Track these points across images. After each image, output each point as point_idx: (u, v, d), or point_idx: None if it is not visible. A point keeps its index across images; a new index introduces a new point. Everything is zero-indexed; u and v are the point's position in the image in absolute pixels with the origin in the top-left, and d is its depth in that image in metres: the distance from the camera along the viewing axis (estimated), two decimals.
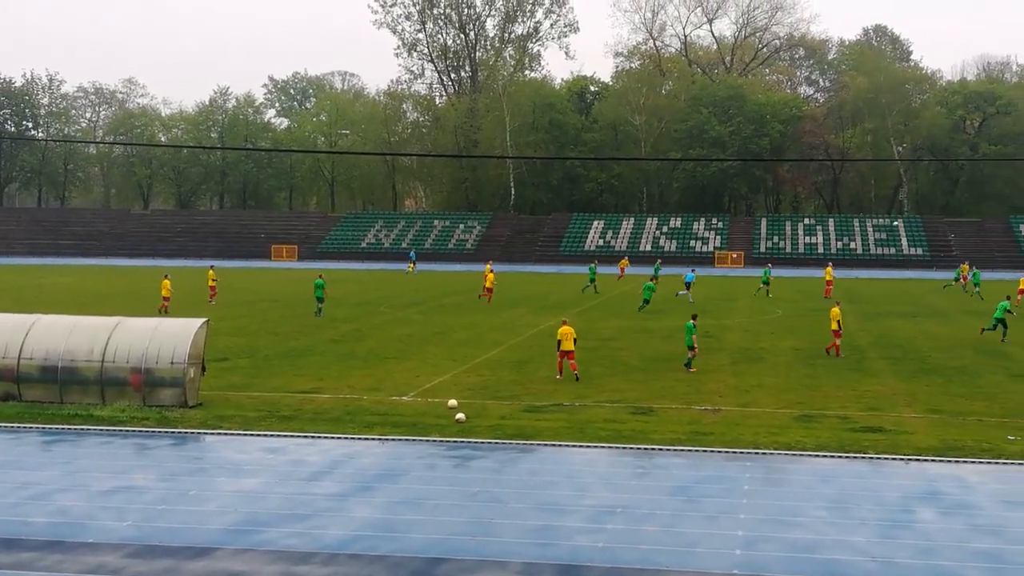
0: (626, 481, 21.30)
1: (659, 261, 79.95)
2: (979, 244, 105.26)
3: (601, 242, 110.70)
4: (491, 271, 62.58)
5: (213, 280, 58.20)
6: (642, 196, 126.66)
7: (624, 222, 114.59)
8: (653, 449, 23.75)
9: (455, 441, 24.45)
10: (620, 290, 68.72)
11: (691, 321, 35.50)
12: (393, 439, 24.68)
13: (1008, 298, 45.74)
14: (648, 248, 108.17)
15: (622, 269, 79.60)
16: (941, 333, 45.65)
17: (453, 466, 22.40)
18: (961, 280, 71.50)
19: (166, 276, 55.33)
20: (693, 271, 66.77)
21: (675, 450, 23.69)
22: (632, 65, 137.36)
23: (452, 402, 28.15)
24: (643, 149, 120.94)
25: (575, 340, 32.96)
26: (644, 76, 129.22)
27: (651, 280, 58.48)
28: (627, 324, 48.71)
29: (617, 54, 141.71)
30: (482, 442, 24.36)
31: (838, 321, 38.60)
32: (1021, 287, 59.90)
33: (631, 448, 23.86)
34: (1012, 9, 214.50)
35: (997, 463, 22.73)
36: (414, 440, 24.60)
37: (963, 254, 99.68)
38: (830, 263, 78.87)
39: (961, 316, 52.87)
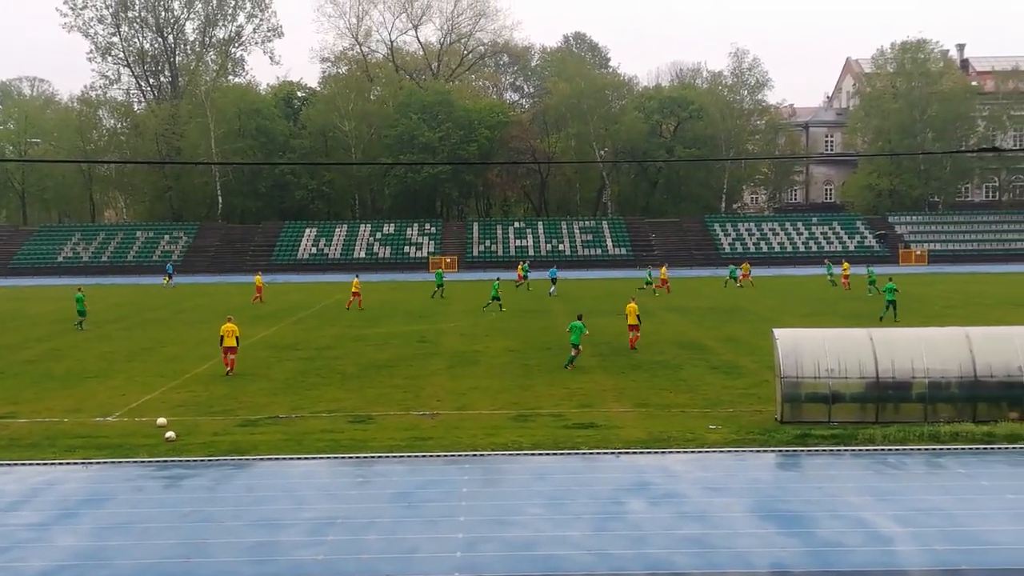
0: (346, 491, 21.03)
1: (526, 263, 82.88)
2: (678, 243, 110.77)
3: (314, 250, 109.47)
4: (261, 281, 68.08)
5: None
6: (354, 202, 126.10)
7: (337, 229, 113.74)
8: (372, 457, 23.57)
9: (165, 460, 23.45)
10: (335, 299, 68.04)
11: (578, 320, 36.54)
12: (98, 462, 23.43)
13: (891, 279, 52.78)
14: (362, 255, 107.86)
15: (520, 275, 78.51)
16: (645, 329, 47.45)
17: (163, 487, 21.47)
18: (739, 278, 74.09)
19: None
20: (556, 268, 77.61)
21: (395, 457, 23.59)
22: (339, 71, 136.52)
23: (161, 420, 27.01)
24: (353, 155, 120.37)
25: (237, 339, 35.69)
26: (352, 82, 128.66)
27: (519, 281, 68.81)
28: (342, 332, 48.29)
29: (324, 59, 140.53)
30: (194, 460, 23.48)
31: (636, 315, 41.24)
32: (845, 273, 68.77)
33: (350, 457, 23.60)
34: (702, 20, 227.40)
35: (700, 451, 23.84)
36: (121, 462, 23.43)
37: (664, 253, 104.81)
38: (665, 264, 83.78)
39: (663, 313, 55.35)
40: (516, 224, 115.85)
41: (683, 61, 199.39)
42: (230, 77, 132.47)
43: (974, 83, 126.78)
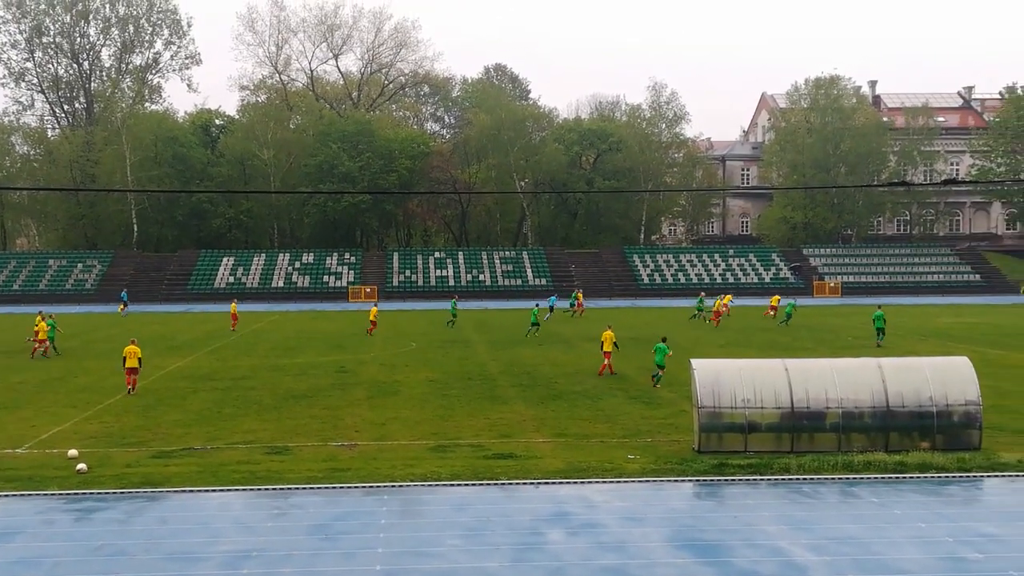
0: (262, 523, 20.71)
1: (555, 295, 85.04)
2: (598, 274, 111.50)
3: (232, 279, 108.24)
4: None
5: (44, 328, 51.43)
6: (273, 231, 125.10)
7: (255, 258, 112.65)
8: (289, 489, 23.26)
9: (76, 493, 22.93)
10: (252, 327, 67.30)
11: (662, 343, 38.58)
12: (6, 495, 22.82)
13: (880, 307, 54.98)
14: (281, 284, 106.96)
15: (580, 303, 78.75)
16: (565, 360, 47.75)
17: (74, 520, 20.98)
18: (721, 310, 73.51)
19: None
20: (555, 296, 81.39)
21: (312, 488, 23.32)
22: (259, 99, 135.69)
23: (72, 452, 26.41)
24: (272, 183, 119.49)
25: (140, 360, 37.69)
26: (271, 110, 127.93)
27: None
28: (259, 363, 47.74)
29: (243, 87, 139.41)
30: (107, 492, 22.98)
31: (613, 342, 42.08)
32: (772, 304, 70.45)
33: (267, 489, 23.27)
34: (621, 54, 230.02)
35: (619, 482, 23.92)
36: (30, 495, 22.87)
37: (583, 284, 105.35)
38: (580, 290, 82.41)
39: (582, 343, 55.57)
40: (436, 254, 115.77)
41: (602, 94, 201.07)
42: (147, 104, 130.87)
43: (885, 119, 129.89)
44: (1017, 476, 24.28)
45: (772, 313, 72.08)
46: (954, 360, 27.72)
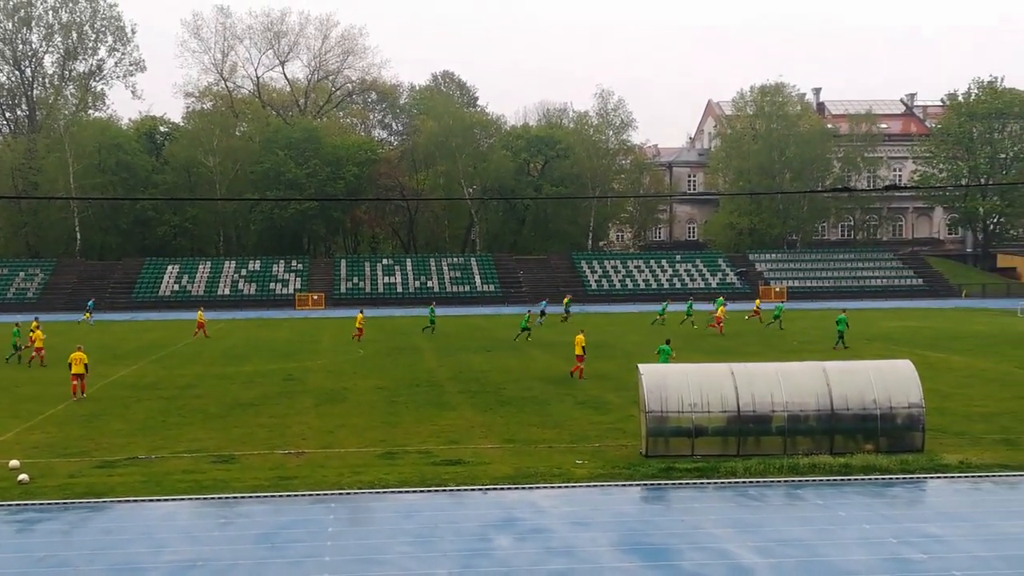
0: (208, 533, 20.54)
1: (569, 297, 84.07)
2: (546, 280, 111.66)
3: (177, 287, 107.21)
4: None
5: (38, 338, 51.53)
6: (219, 239, 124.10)
7: (201, 266, 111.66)
8: (236, 497, 23.08)
9: (18, 504, 22.60)
10: (199, 336, 66.68)
11: (665, 344, 39.80)
12: None
13: (844, 311, 57.21)
14: (227, 292, 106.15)
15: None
16: (513, 366, 47.78)
17: (16, 531, 20.69)
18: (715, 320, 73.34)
19: None
20: (546, 301, 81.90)
21: (258, 497, 23.15)
22: (204, 106, 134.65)
23: (14, 463, 26.00)
24: (218, 191, 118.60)
25: (86, 366, 38.32)
26: (217, 117, 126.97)
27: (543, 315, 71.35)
28: (205, 371, 47.34)
29: (188, 95, 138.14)
30: (49, 503, 22.67)
31: (583, 347, 42.85)
32: (756, 307, 71.12)
33: (213, 498, 23.07)
34: (569, 61, 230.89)
35: (567, 487, 23.97)
36: None
37: (531, 290, 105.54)
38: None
39: (530, 349, 55.65)
40: (384, 261, 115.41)
41: (550, 101, 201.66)
42: (90, 111, 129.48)
43: (830, 126, 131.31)
44: (958, 477, 24.62)
45: (757, 316, 72.64)
46: (897, 363, 28.07)
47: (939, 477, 24.67)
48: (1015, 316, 76.04)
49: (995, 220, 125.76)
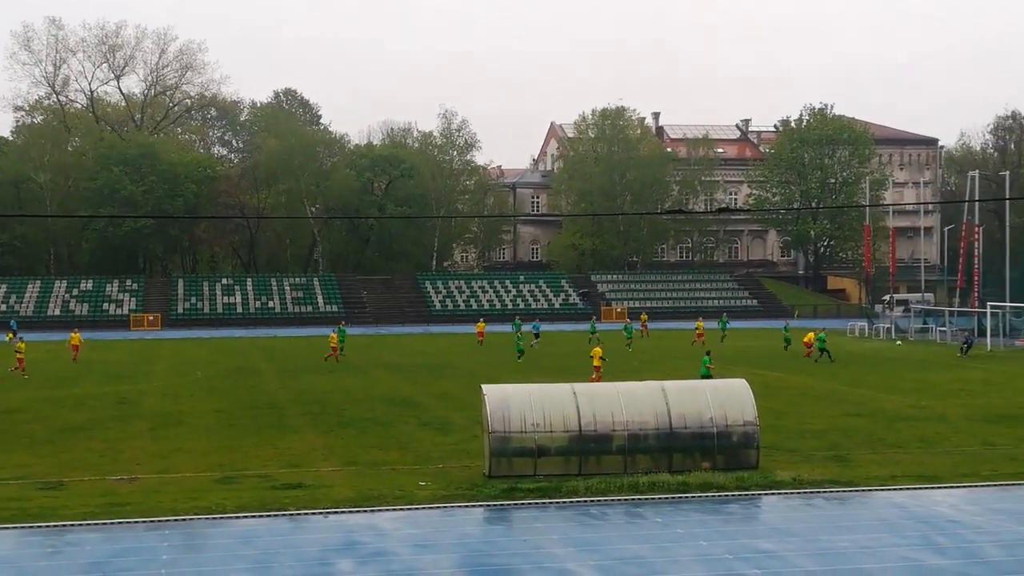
0: (34, 563, 19.72)
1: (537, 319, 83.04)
2: (390, 300, 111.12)
3: (4, 307, 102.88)
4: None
5: None
6: (49, 258, 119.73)
7: (30, 286, 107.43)
8: (64, 526, 22.19)
9: None
10: (27, 357, 64.09)
11: (706, 356, 45.12)
12: None
13: (823, 330, 62.40)
14: (57, 312, 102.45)
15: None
16: (355, 387, 47.34)
17: None
18: (641, 330, 74.85)
19: None
20: (539, 321, 79.65)
21: (88, 524, 22.32)
22: (34, 120, 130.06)
23: None
24: (48, 207, 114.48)
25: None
26: (48, 132, 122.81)
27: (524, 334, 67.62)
28: (33, 394, 45.50)
29: (17, 108, 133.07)
30: None
31: (601, 358, 47.80)
32: (699, 331, 71.23)
33: (39, 527, 22.13)
34: (413, 81, 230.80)
35: (410, 509, 23.81)
36: None
37: (375, 310, 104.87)
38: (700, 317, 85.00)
39: (373, 370, 55.28)
40: (224, 281, 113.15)
41: (394, 120, 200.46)
42: None
43: (669, 149, 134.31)
44: (791, 493, 25.32)
45: (701, 340, 69.30)
46: (732, 382, 28.78)
47: (773, 493, 25.33)
48: (844, 336, 78.82)
49: (825, 243, 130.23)
